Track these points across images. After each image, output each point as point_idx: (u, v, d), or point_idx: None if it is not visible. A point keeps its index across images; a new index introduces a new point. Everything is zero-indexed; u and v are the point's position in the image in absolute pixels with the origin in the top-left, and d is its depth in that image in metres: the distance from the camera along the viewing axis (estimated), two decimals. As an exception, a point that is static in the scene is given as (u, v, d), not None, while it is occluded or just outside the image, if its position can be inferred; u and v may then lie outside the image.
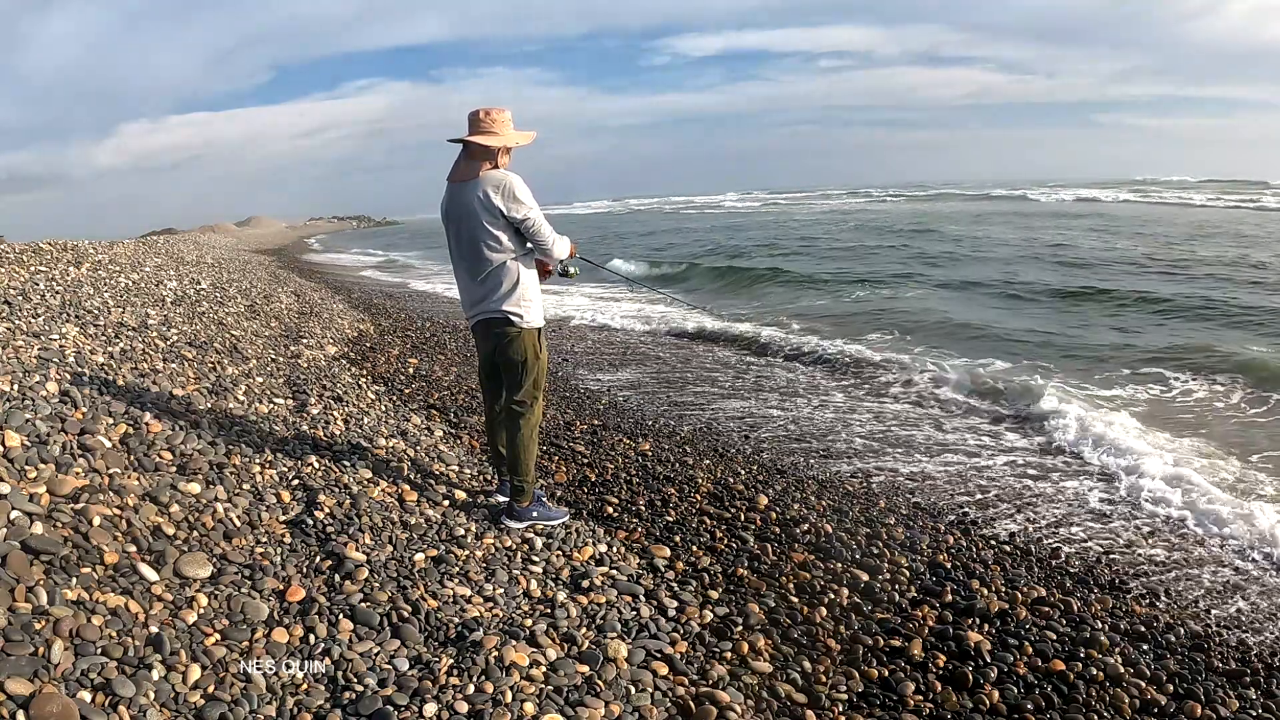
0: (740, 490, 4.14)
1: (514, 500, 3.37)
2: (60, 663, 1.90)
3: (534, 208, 3.07)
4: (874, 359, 7.96)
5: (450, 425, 4.89)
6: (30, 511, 2.38)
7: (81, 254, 8.57)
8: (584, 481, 4.15)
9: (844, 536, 3.63)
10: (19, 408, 2.98)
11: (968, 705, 2.49)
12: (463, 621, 2.55)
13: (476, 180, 3.06)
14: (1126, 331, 9.45)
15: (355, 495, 3.33)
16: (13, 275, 6.11)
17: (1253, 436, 5.44)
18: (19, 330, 4.25)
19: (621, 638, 2.64)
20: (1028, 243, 19.84)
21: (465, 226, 3.13)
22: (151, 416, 3.44)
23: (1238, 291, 11.53)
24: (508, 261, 3.12)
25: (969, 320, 10.32)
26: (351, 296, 12.39)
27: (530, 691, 2.26)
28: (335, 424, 4.28)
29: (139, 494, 2.78)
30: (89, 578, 2.24)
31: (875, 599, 3.09)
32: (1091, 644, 2.80)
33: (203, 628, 2.26)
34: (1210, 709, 2.50)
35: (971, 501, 4.35)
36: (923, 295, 12.77)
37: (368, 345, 7.66)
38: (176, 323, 5.91)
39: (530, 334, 3.21)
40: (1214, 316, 9.94)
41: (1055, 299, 11.85)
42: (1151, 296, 11.33)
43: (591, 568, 3.11)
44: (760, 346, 8.99)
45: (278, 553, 2.79)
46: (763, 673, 2.58)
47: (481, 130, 3.06)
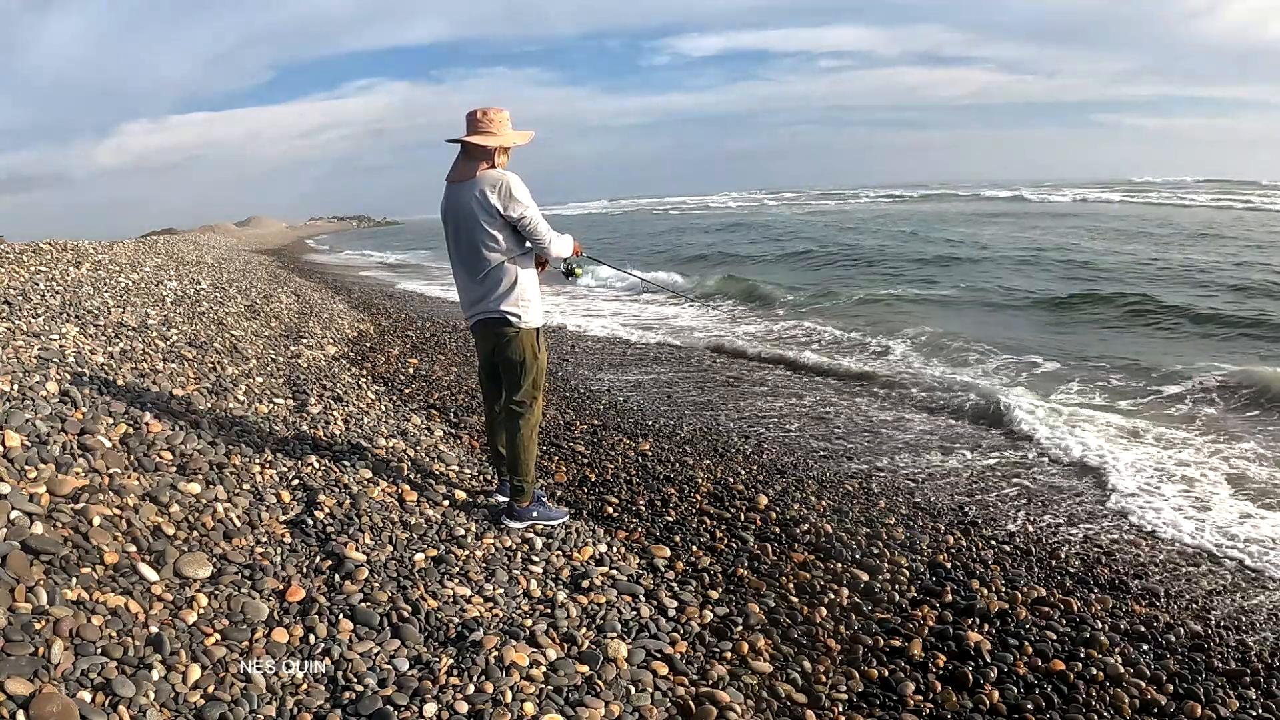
0: (740, 490, 4.14)
1: (514, 500, 3.37)
2: (60, 663, 1.90)
3: (531, 206, 3.07)
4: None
5: (450, 425, 4.89)
6: (30, 511, 2.37)
7: (81, 254, 8.57)
8: (584, 481, 4.15)
9: (844, 536, 3.63)
10: (19, 408, 2.98)
11: (968, 705, 2.49)
12: (463, 621, 2.55)
13: (474, 180, 3.07)
14: (1124, 339, 9.43)
15: (355, 495, 3.33)
16: (13, 275, 6.11)
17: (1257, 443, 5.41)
18: (19, 330, 4.25)
19: (621, 638, 2.64)
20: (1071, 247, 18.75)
21: (463, 226, 3.13)
22: (151, 416, 3.44)
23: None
24: (505, 261, 3.12)
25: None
26: (351, 296, 12.39)
27: (530, 691, 2.26)
28: (335, 424, 4.28)
29: (139, 494, 2.78)
30: (89, 578, 2.24)
31: (875, 599, 3.09)
32: (1091, 644, 2.80)
33: (203, 628, 2.26)
34: (1210, 709, 2.50)
35: (970, 501, 4.35)
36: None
37: (368, 345, 7.66)
38: (176, 323, 5.91)
39: (529, 334, 3.21)
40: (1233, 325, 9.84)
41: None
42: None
43: (591, 568, 3.11)
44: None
45: (278, 553, 2.79)
46: (763, 673, 2.58)
47: (479, 130, 3.06)
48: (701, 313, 11.94)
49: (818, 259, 19.42)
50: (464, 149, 3.12)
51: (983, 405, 6.18)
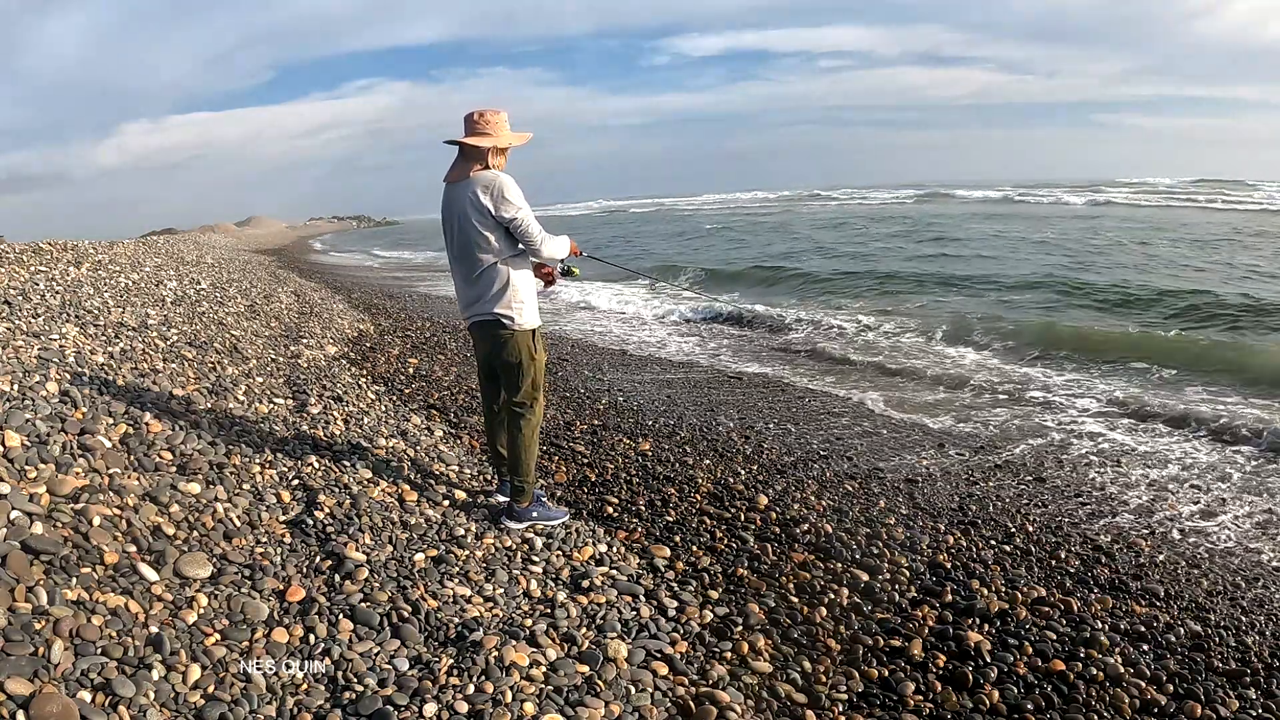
0: (740, 490, 4.14)
1: (514, 500, 3.37)
2: (60, 663, 1.90)
3: (523, 208, 3.08)
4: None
5: (450, 425, 4.89)
6: (30, 511, 2.38)
7: (81, 254, 8.57)
8: (584, 481, 4.15)
9: (844, 536, 3.63)
10: (19, 408, 2.98)
11: (968, 705, 2.49)
12: (463, 621, 2.55)
13: (468, 180, 3.09)
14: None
15: (355, 495, 3.33)
16: (13, 275, 6.11)
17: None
18: (19, 330, 4.25)
19: (621, 638, 2.64)
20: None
21: (458, 227, 3.16)
22: (151, 416, 3.44)
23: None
24: (498, 263, 3.14)
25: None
26: (351, 296, 12.38)
27: (530, 691, 2.26)
28: (335, 424, 4.28)
29: (139, 494, 2.78)
30: (89, 578, 2.24)
31: (875, 599, 3.09)
32: (1091, 644, 2.80)
33: (203, 628, 2.26)
34: (1210, 709, 2.50)
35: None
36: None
37: (368, 345, 7.66)
38: (176, 323, 5.91)
39: (524, 335, 3.22)
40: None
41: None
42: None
43: (591, 568, 3.11)
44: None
45: (278, 553, 2.79)
46: (763, 673, 2.58)
47: (474, 132, 3.09)
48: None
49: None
50: (461, 150, 3.14)
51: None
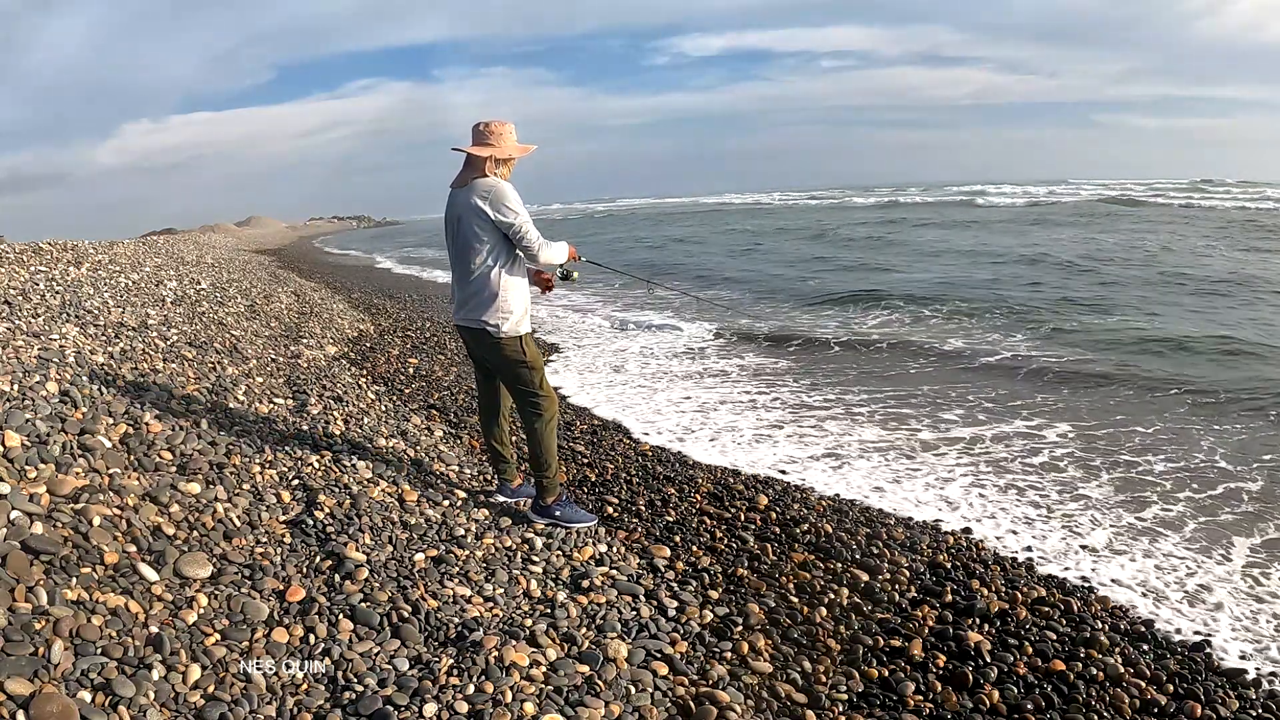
0: (740, 490, 4.14)
1: (539, 497, 3.42)
2: (60, 663, 1.90)
3: (520, 214, 3.12)
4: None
5: (450, 425, 4.89)
6: (30, 511, 2.37)
7: (81, 254, 8.57)
8: (584, 481, 4.15)
9: (844, 536, 3.63)
10: (19, 408, 2.98)
11: (968, 705, 2.49)
12: (463, 621, 2.55)
13: (470, 186, 3.15)
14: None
15: (355, 495, 3.33)
16: (13, 275, 6.11)
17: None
18: (19, 330, 4.25)
19: (621, 638, 2.64)
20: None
21: (458, 230, 3.22)
22: (151, 416, 3.44)
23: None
24: (493, 268, 3.18)
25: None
26: (351, 296, 12.38)
27: (530, 691, 2.25)
28: (335, 424, 4.29)
29: (139, 494, 2.78)
30: (89, 578, 2.24)
31: (875, 599, 3.09)
32: (1091, 644, 2.80)
33: (203, 628, 2.26)
34: (1210, 709, 2.50)
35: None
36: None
37: (368, 345, 7.66)
38: (176, 323, 5.91)
39: (511, 341, 3.25)
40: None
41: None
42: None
43: (591, 568, 3.11)
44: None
45: (278, 553, 2.79)
46: (763, 673, 2.58)
47: (479, 141, 3.16)
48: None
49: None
50: (466, 158, 3.21)
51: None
